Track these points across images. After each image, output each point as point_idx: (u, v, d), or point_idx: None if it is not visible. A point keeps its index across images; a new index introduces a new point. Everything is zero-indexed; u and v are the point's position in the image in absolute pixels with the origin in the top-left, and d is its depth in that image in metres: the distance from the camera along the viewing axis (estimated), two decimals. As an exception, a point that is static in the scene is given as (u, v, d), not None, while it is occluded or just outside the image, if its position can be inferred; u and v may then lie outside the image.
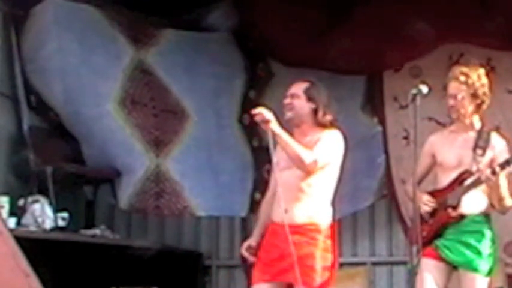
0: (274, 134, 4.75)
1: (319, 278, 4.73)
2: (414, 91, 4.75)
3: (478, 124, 5.11)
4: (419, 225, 4.95)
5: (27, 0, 6.99)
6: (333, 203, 4.94)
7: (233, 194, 7.43)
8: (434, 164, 5.20)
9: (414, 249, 4.95)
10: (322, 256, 4.76)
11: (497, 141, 5.12)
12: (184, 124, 7.52)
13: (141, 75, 7.38)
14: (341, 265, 7.74)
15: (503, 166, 4.91)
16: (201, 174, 7.46)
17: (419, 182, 5.16)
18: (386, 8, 6.86)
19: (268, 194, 5.06)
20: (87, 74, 7.01)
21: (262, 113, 4.76)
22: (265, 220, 5.02)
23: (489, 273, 5.02)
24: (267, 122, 4.75)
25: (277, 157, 4.92)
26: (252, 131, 7.43)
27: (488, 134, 5.10)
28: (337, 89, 7.58)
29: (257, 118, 4.78)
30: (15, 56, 7.00)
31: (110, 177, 7.28)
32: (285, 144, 4.76)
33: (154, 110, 7.40)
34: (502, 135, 5.21)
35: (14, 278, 4.42)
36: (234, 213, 7.61)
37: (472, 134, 5.09)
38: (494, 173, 4.90)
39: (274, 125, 4.75)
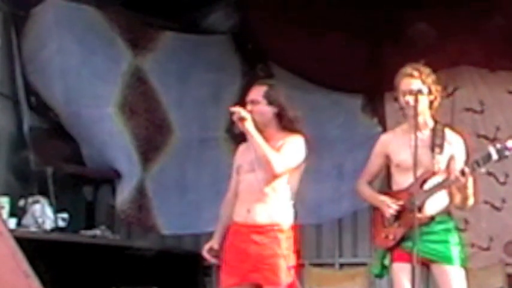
0: (248, 134, 4.79)
1: (285, 276, 4.74)
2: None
3: (431, 122, 5.02)
4: (383, 229, 4.95)
5: (27, 0, 7.00)
6: (295, 205, 4.94)
7: (200, 211, 7.41)
8: (385, 164, 5.14)
9: (385, 252, 4.94)
10: (286, 255, 4.77)
11: (453, 137, 5.03)
12: (167, 141, 7.59)
13: (137, 84, 7.43)
14: (341, 265, 7.85)
15: (472, 167, 4.84)
16: (169, 193, 7.52)
17: (370, 182, 5.14)
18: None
19: (228, 195, 5.06)
20: (87, 75, 7.03)
21: (240, 111, 4.79)
22: (226, 221, 5.02)
23: (463, 262, 4.95)
24: (242, 120, 4.78)
25: (241, 160, 4.98)
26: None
27: (443, 130, 5.01)
28: (337, 91, 7.64)
29: (234, 116, 4.80)
30: (15, 56, 7.01)
31: (110, 178, 7.29)
32: (257, 146, 4.78)
33: (146, 122, 7.46)
34: (456, 131, 5.14)
35: (15, 278, 4.43)
36: (200, 230, 7.56)
37: (427, 132, 4.98)
38: (463, 174, 4.81)
39: (249, 124, 4.79)
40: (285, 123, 4.91)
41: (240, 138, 7.56)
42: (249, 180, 4.86)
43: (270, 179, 4.80)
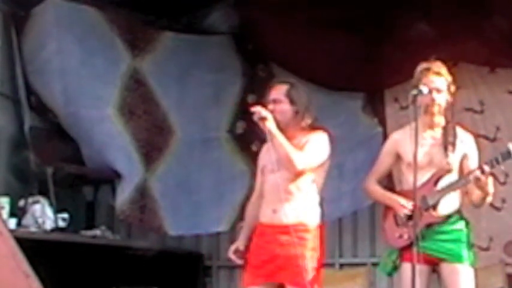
0: (269, 133, 4.77)
1: (310, 277, 4.74)
2: (414, 92, 4.72)
3: (443, 120, 5.02)
4: (397, 228, 4.93)
5: (28, 0, 7.00)
6: (321, 204, 4.93)
7: (204, 211, 7.43)
8: (395, 162, 5.13)
9: (395, 252, 4.94)
10: (311, 256, 4.79)
11: (464, 136, 5.04)
12: (169, 141, 7.57)
13: (136, 86, 7.42)
14: (341, 266, 7.84)
15: (492, 164, 4.83)
16: (176, 195, 7.51)
17: (379, 181, 5.13)
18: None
19: (254, 196, 5.07)
20: (87, 75, 7.03)
21: (260, 111, 4.79)
22: (251, 222, 5.02)
23: (473, 262, 4.96)
24: (263, 119, 4.77)
25: (265, 160, 4.96)
26: (251, 136, 7.35)
27: (454, 128, 5.02)
28: (337, 90, 7.64)
29: (255, 116, 4.79)
30: (16, 56, 7.02)
31: (110, 178, 7.29)
32: (278, 145, 4.76)
33: (146, 123, 7.45)
34: (466, 129, 5.14)
35: (15, 278, 4.43)
36: (203, 231, 7.60)
37: (438, 131, 5.00)
38: (483, 172, 4.82)
39: (270, 124, 4.78)
40: (307, 121, 4.90)
41: (242, 138, 7.62)
42: (273, 180, 4.85)
43: (293, 177, 4.80)
